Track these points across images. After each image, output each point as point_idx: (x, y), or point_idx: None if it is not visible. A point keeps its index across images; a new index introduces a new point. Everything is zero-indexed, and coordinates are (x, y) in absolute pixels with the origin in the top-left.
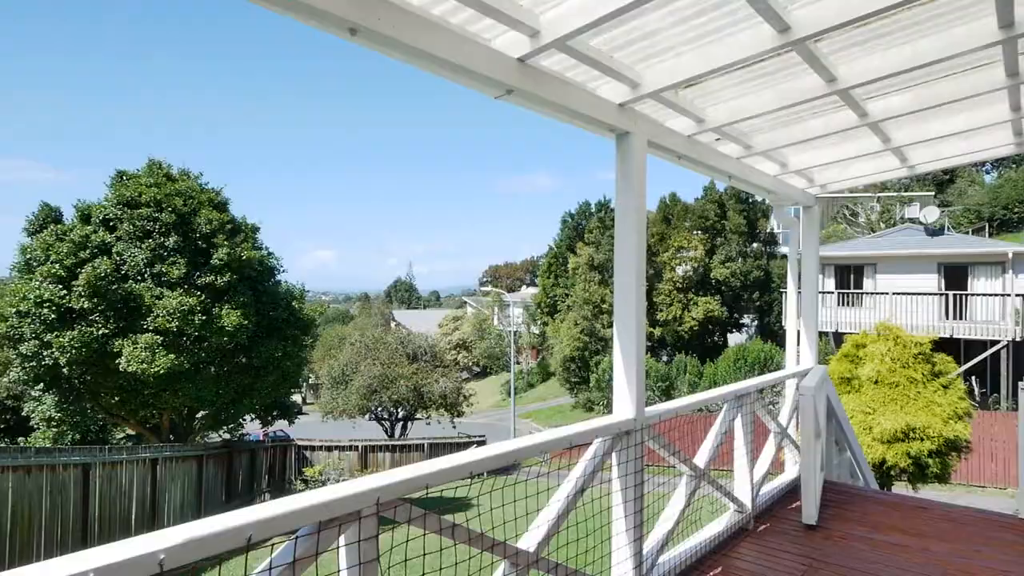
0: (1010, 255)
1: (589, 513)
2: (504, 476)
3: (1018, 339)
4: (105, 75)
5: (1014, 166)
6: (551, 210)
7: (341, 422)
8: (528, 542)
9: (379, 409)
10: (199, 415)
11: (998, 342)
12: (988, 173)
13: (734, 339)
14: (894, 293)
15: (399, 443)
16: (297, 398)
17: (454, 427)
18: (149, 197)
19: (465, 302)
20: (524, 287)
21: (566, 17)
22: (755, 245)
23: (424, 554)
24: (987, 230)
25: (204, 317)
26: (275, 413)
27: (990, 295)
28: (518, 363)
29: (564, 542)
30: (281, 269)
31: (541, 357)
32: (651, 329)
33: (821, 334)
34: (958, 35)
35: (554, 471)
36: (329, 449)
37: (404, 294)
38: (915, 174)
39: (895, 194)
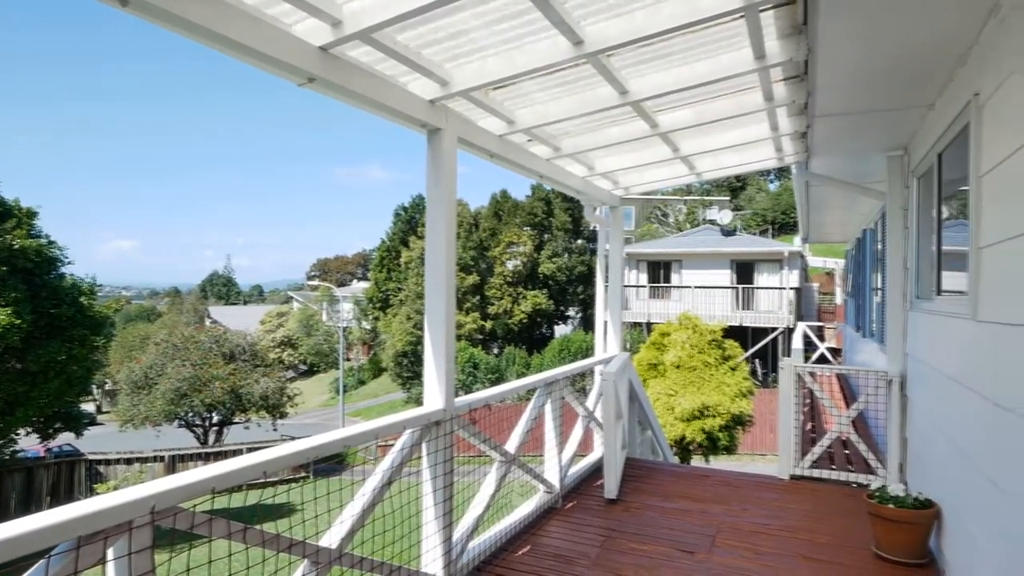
0: (786, 254)
1: (401, 504)
2: (334, 477)
3: (791, 326)
4: None
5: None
6: (384, 203)
7: (144, 431)
8: (330, 539)
9: (190, 415)
10: None
11: (776, 328)
12: (772, 182)
13: (560, 330)
14: (696, 287)
15: (213, 450)
16: (90, 407)
17: (275, 430)
18: None
19: (291, 297)
20: (356, 281)
21: (370, 9)
22: (579, 241)
23: (210, 561)
24: (770, 232)
25: None
26: (58, 425)
27: (771, 288)
28: (348, 360)
29: (371, 535)
30: (66, 260)
31: (373, 353)
32: (483, 322)
33: (636, 324)
34: (724, 61)
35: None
36: (129, 462)
37: (222, 289)
38: (702, 180)
39: (698, 198)
